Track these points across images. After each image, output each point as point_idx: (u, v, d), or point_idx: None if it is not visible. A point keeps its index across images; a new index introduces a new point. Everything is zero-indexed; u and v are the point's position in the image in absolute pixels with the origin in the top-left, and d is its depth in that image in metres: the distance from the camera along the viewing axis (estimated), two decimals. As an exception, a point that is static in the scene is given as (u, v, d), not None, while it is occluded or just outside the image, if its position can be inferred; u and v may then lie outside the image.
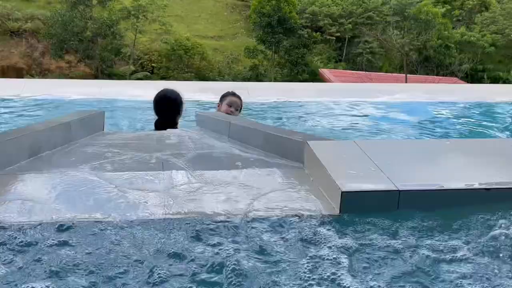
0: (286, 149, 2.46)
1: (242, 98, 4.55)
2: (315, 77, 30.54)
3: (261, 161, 2.47)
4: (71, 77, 28.75)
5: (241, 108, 4.51)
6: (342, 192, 1.79)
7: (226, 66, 32.52)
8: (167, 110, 3.89)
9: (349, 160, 2.14)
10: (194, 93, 7.38)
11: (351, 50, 34.19)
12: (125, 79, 29.07)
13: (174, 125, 3.90)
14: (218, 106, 4.50)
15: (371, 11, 33.41)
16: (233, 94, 4.52)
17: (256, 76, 31.13)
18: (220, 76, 31.52)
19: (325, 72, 26.85)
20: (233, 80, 30.85)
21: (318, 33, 33.86)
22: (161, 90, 4.03)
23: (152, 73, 31.09)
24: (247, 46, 31.27)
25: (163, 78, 30.46)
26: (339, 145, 2.29)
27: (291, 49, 30.92)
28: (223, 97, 4.50)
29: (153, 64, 31.61)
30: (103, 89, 7.81)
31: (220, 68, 32.43)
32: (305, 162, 2.28)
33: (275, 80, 31.00)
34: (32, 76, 28.38)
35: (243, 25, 38.33)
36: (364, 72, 26.42)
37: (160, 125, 3.86)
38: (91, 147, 2.88)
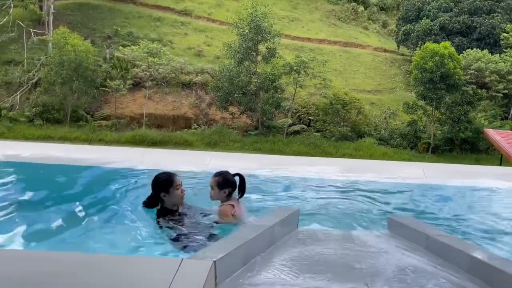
0: (496, 279, 2.30)
1: (222, 174, 4.86)
2: (478, 135, 30.57)
3: None
4: (233, 128, 32.17)
5: (221, 184, 4.79)
6: None
7: (383, 121, 33.68)
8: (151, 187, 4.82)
9: None
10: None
11: (519, 108, 33.62)
12: (283, 131, 31.80)
13: (153, 200, 4.81)
14: None
15: (544, 67, 32.74)
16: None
17: (414, 132, 31.91)
18: (376, 131, 32.82)
19: (491, 132, 26.63)
20: (390, 135, 32.11)
21: (483, 89, 33.84)
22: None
23: (308, 126, 33.39)
24: (406, 102, 32.23)
25: (318, 131, 32.71)
26: None
27: (453, 105, 31.22)
28: None
29: (309, 117, 33.87)
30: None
31: (377, 122, 33.66)
32: None
33: (435, 136, 31.51)
34: (199, 126, 32.24)
35: (402, 79, 39.54)
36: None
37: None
38: (296, 251, 2.96)
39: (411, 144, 31.90)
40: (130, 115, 32.66)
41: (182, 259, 2.17)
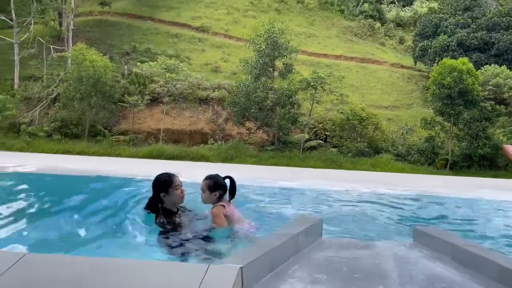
0: None
1: (213, 177, 4.97)
2: (497, 152, 30.31)
3: None
4: (250, 143, 32.21)
5: (212, 187, 4.88)
6: None
7: (401, 136, 33.50)
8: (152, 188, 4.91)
9: None
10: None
11: (538, 124, 33.26)
12: (300, 146, 31.76)
13: (153, 201, 4.89)
14: None
15: None
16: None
17: (432, 148, 31.68)
18: (394, 147, 32.64)
19: (510, 148, 26.25)
20: (407, 151, 31.89)
21: (502, 105, 33.59)
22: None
23: (325, 142, 33.34)
24: (424, 117, 32.09)
25: (335, 146, 32.64)
26: None
27: (471, 121, 30.96)
28: None
29: (326, 133, 33.82)
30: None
31: (394, 138, 33.49)
32: None
33: (452, 152, 31.27)
34: (216, 141, 32.34)
35: (419, 95, 39.42)
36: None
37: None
38: (321, 261, 2.97)
39: (429, 160, 31.64)
40: (148, 130, 32.89)
41: (209, 265, 2.18)
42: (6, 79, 35.56)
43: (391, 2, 58.45)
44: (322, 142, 33.39)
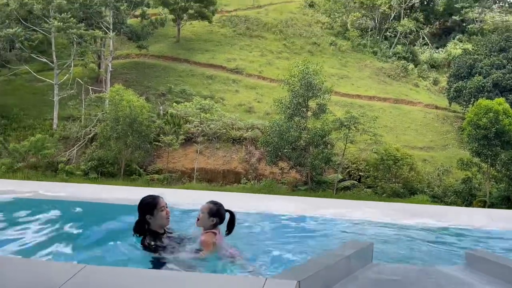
0: None
1: (217, 204, 5.00)
2: (538, 194, 29.53)
3: None
4: (283, 183, 32.19)
5: (213, 213, 4.90)
6: None
7: (436, 177, 33.02)
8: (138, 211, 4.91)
9: None
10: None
11: None
12: (333, 186, 31.58)
13: (139, 223, 4.88)
14: None
15: None
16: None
17: (469, 189, 31.09)
18: (429, 188, 32.14)
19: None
20: (444, 192, 31.36)
21: (541, 146, 32.91)
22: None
23: (359, 182, 33.07)
24: (461, 158, 31.59)
25: (369, 187, 32.31)
26: None
27: (509, 162, 30.34)
28: None
29: (360, 173, 33.58)
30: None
31: (430, 179, 33.02)
32: None
33: (490, 194, 30.59)
34: (249, 180, 32.44)
35: (454, 136, 38.99)
36: None
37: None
38: (375, 284, 3.00)
39: (466, 202, 30.98)
40: (182, 170, 33.29)
41: (266, 278, 2.19)
42: (45, 119, 36.72)
43: (424, 44, 58.53)
44: (356, 182, 33.17)
